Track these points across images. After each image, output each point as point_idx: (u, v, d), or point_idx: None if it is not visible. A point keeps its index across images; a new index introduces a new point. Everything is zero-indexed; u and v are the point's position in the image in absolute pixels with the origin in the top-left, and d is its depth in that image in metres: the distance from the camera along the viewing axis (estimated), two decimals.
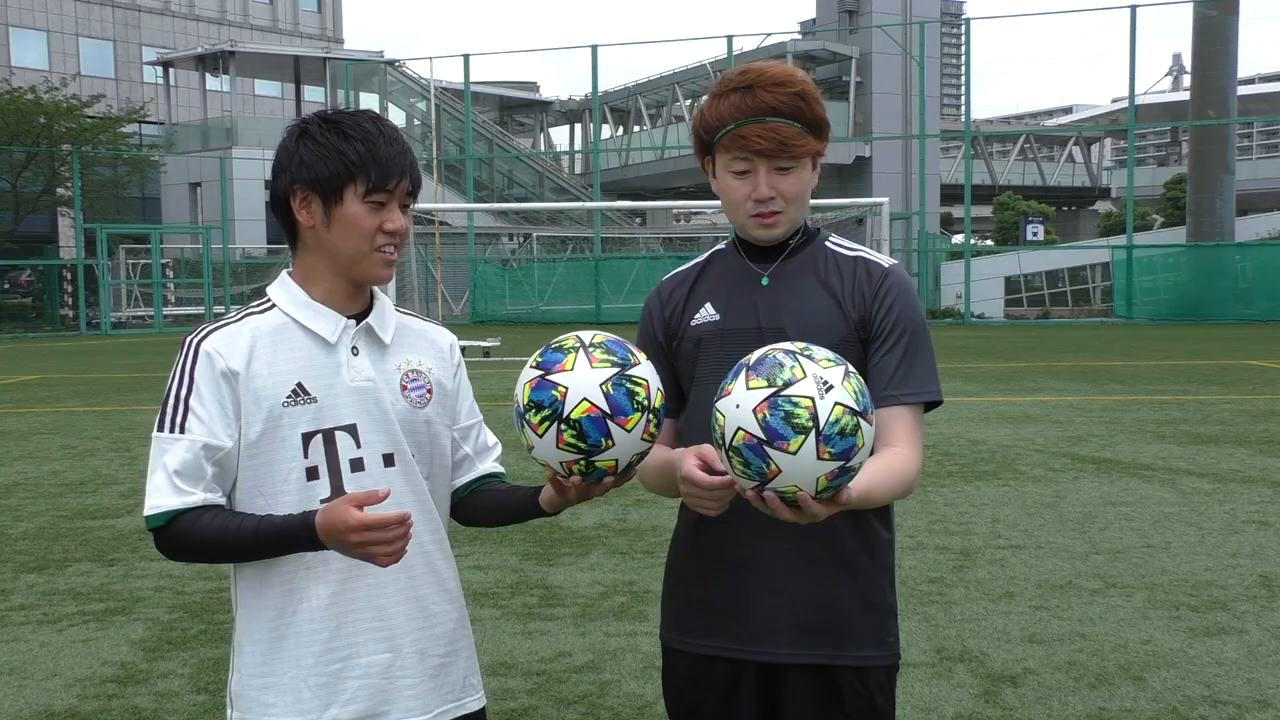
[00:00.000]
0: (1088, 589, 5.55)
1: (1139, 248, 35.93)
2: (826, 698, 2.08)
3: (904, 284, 2.13)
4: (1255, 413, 12.02)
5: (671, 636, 2.22)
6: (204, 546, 1.90)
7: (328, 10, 62.85)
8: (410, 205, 2.02)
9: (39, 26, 52.44)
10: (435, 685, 2.03)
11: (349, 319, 2.00)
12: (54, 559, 6.41)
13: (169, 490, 1.89)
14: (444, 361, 2.13)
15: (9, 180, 37.27)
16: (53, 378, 18.53)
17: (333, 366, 1.97)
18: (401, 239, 2.00)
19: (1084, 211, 70.38)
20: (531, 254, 40.68)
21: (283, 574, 1.95)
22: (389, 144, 1.94)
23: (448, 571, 2.10)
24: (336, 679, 1.95)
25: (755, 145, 2.03)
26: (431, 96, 39.80)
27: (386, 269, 1.99)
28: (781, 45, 43.78)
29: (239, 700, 1.98)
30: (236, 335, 1.95)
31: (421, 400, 2.04)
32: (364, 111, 2.01)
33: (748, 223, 2.11)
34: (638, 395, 1.83)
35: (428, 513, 2.05)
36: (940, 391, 2.12)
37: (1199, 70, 37.31)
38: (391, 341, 2.05)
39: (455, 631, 2.09)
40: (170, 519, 1.89)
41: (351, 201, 1.93)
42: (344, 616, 1.95)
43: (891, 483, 1.99)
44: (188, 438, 1.90)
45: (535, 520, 2.04)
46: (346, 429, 1.95)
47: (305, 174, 1.93)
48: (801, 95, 2.05)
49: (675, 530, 2.27)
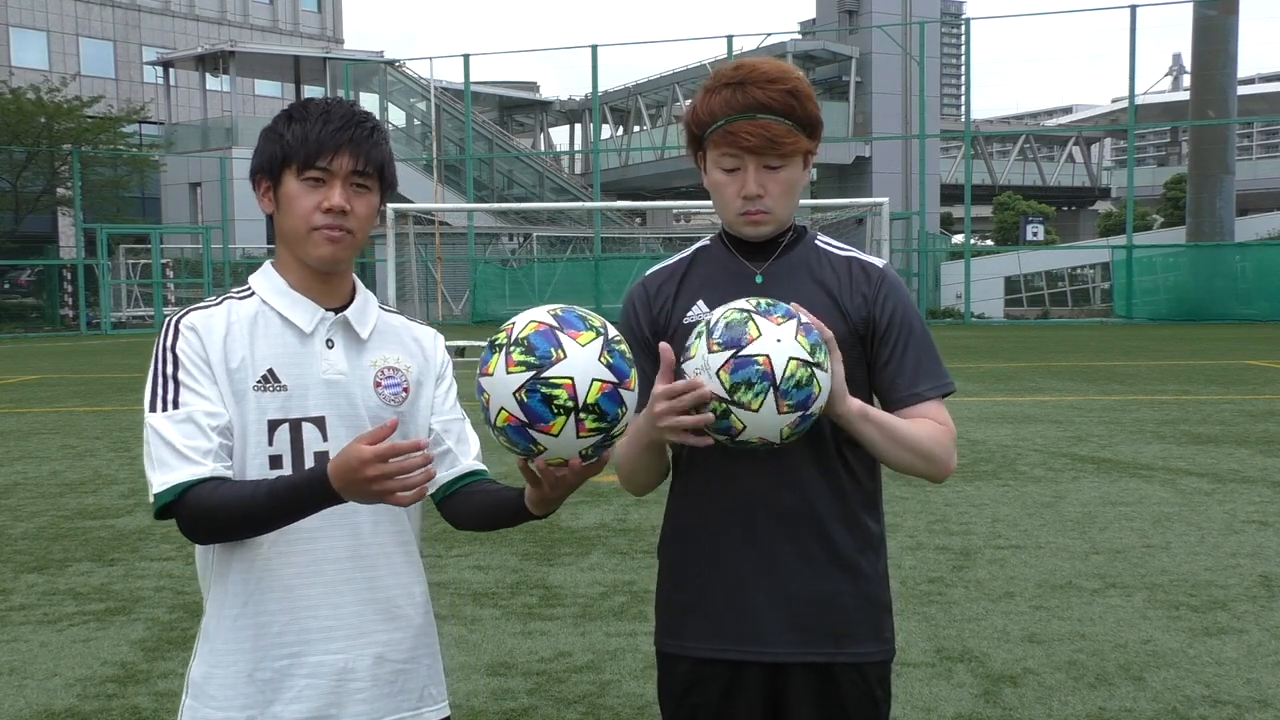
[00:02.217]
0: (1088, 589, 5.55)
1: (1139, 248, 35.94)
2: (826, 693, 2.10)
3: (899, 283, 2.17)
4: (1255, 413, 12.02)
5: (668, 642, 2.19)
6: (224, 516, 1.83)
7: (328, 10, 62.85)
8: (369, 187, 1.97)
9: (39, 26, 52.44)
10: (390, 692, 1.99)
11: (328, 311, 1.99)
12: (54, 559, 6.41)
13: (176, 463, 1.85)
14: (425, 361, 2.10)
15: (9, 180, 37.28)
16: (53, 378, 18.53)
17: (306, 357, 1.95)
18: (363, 221, 1.96)
19: (1084, 211, 70.39)
20: (531, 254, 40.68)
21: (244, 561, 1.91)
22: (329, 123, 1.93)
23: (412, 576, 2.05)
24: (283, 675, 1.92)
25: (744, 142, 2.02)
26: (431, 96, 39.80)
27: (329, 247, 1.94)
28: (781, 45, 43.75)
29: (192, 687, 1.96)
30: (213, 315, 1.95)
31: (396, 398, 2.01)
32: (328, 99, 2.00)
33: (736, 220, 2.11)
34: (557, 399, 1.72)
35: (395, 517, 2.02)
36: (952, 381, 2.19)
37: (1199, 70, 37.31)
38: (369, 337, 2.03)
39: (417, 638, 2.04)
40: (183, 492, 1.84)
41: (289, 181, 1.93)
42: (296, 611, 1.92)
43: (910, 428, 2.06)
44: (184, 411, 1.87)
45: (535, 520, 2.02)
46: (314, 421, 1.93)
47: (257, 161, 1.98)
48: (793, 92, 2.03)
49: (664, 535, 2.24)
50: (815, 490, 2.08)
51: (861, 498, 2.13)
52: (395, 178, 2.05)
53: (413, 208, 25.84)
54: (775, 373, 1.81)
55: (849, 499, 2.11)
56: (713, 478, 2.10)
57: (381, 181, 1.99)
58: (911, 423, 2.08)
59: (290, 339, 1.95)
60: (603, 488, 8.00)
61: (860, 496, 2.13)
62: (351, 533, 1.96)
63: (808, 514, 2.08)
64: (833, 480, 2.09)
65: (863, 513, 2.13)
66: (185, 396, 1.88)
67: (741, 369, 1.82)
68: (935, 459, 2.09)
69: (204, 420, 1.87)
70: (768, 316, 1.86)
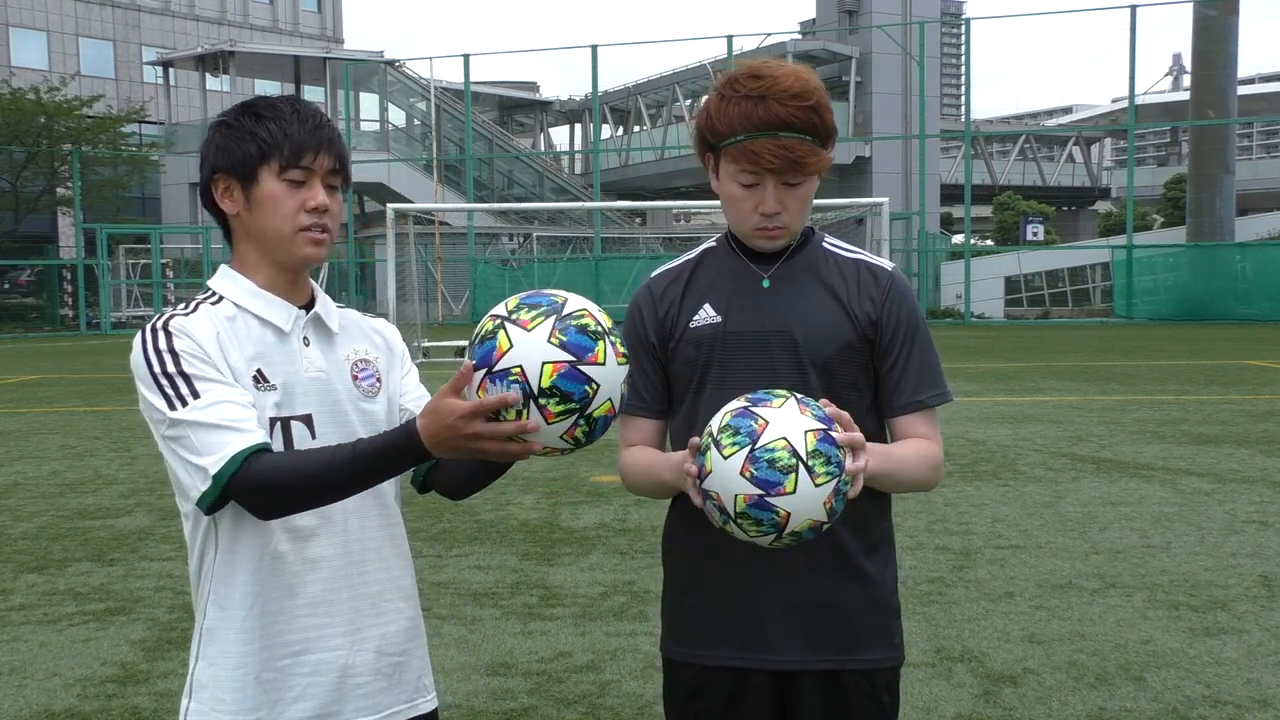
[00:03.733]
0: (1088, 589, 5.55)
1: (1139, 248, 35.95)
2: (833, 700, 2.08)
3: (906, 287, 2.15)
4: (1255, 413, 12.02)
5: (674, 648, 2.17)
6: (300, 484, 1.77)
7: (328, 10, 62.84)
8: (341, 188, 1.96)
9: (39, 26, 52.45)
10: (389, 685, 1.99)
11: (299, 309, 1.98)
12: (54, 559, 6.41)
13: (228, 437, 1.77)
14: (388, 353, 2.10)
15: (9, 180, 37.30)
16: (53, 378, 18.53)
17: (288, 356, 1.94)
18: (337, 220, 1.96)
19: (1084, 211, 70.38)
20: (531, 254, 40.69)
21: (250, 561, 1.90)
22: (303, 122, 1.91)
23: (401, 569, 2.05)
24: (286, 675, 1.91)
25: (768, 164, 1.97)
26: (431, 96, 39.80)
27: (315, 249, 1.92)
28: (781, 45, 43.75)
29: (197, 689, 1.93)
30: (195, 320, 1.88)
31: (372, 389, 2.02)
32: (283, 96, 1.98)
33: (752, 234, 2.08)
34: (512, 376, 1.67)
35: (382, 507, 2.01)
36: (951, 391, 2.18)
37: (1199, 70, 37.33)
38: (339, 331, 2.02)
39: (410, 630, 2.05)
40: (243, 461, 1.76)
41: (268, 181, 1.90)
42: (296, 611, 1.91)
43: (913, 459, 2.08)
44: (211, 395, 1.81)
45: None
46: (302, 419, 1.92)
47: (222, 160, 1.92)
48: (815, 108, 1.98)
49: (668, 539, 2.23)
50: None
51: (869, 500, 2.09)
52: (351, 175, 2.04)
53: (413, 208, 25.81)
54: (799, 449, 1.79)
55: (857, 501, 2.05)
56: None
57: (345, 179, 1.99)
58: (912, 455, 2.08)
59: (270, 339, 1.93)
60: (603, 488, 8.00)
61: (869, 497, 2.08)
62: (342, 530, 1.95)
63: None
64: None
65: (871, 515, 2.11)
66: (203, 385, 1.81)
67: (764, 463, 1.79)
68: (924, 486, 2.12)
69: (236, 397, 1.82)
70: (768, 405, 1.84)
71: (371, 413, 2.01)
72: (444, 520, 6.93)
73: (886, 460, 2.02)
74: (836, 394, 2.07)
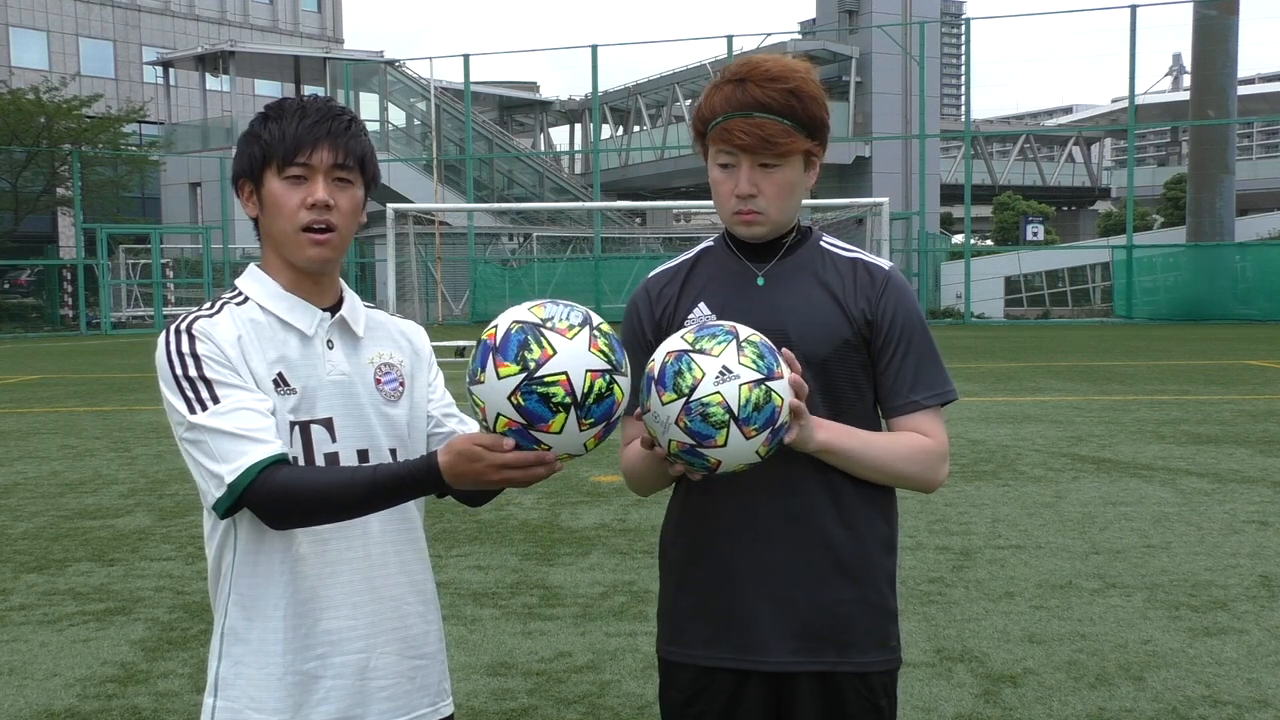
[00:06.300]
0: (1088, 589, 5.55)
1: (1139, 248, 35.94)
2: (830, 702, 2.07)
3: (905, 286, 2.14)
4: (1255, 413, 12.02)
5: (671, 649, 2.17)
6: (313, 499, 1.80)
7: (328, 10, 62.84)
8: (352, 181, 1.94)
9: (39, 26, 52.46)
10: (411, 689, 2.00)
11: (324, 311, 1.98)
12: (54, 559, 6.41)
13: (246, 446, 1.79)
14: (415, 354, 2.10)
15: (9, 180, 37.28)
16: (53, 378, 18.53)
17: (310, 359, 1.94)
18: (347, 216, 1.94)
19: (1084, 211, 70.40)
20: (531, 254, 40.69)
21: (270, 562, 1.90)
22: (305, 118, 1.91)
23: (423, 574, 2.06)
24: (310, 678, 1.91)
25: (738, 140, 2.00)
26: (431, 96, 39.81)
27: (316, 249, 1.92)
28: (782, 45, 43.73)
29: (223, 686, 1.92)
30: (218, 322, 1.90)
31: (395, 393, 2.02)
32: (304, 97, 1.98)
33: (730, 219, 2.09)
34: (554, 397, 1.71)
35: (403, 511, 2.01)
36: (955, 389, 2.15)
37: (1199, 70, 37.28)
38: (364, 334, 2.02)
39: (430, 635, 2.05)
40: (260, 471, 1.78)
41: (271, 181, 1.91)
42: (320, 614, 1.91)
43: (887, 445, 2.06)
44: (231, 401, 1.82)
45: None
46: (322, 423, 1.92)
47: (238, 165, 1.96)
48: (794, 91, 2.00)
49: (665, 541, 2.22)
50: (816, 495, 2.06)
51: (867, 500, 2.09)
52: (378, 170, 2.02)
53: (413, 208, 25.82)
54: (732, 406, 1.79)
55: (853, 503, 2.08)
56: (713, 484, 2.08)
57: (364, 174, 1.97)
58: (890, 444, 2.06)
59: (293, 342, 1.94)
60: (603, 488, 8.00)
61: (865, 499, 2.09)
62: (363, 533, 1.96)
63: (809, 519, 2.06)
64: (834, 484, 2.06)
65: (869, 516, 2.10)
66: (224, 391, 1.83)
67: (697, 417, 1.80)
68: (910, 479, 2.09)
69: (256, 404, 1.83)
70: (706, 353, 1.83)
71: (394, 417, 2.00)
72: (444, 520, 6.93)
73: (851, 437, 2.02)
74: (835, 393, 2.07)
